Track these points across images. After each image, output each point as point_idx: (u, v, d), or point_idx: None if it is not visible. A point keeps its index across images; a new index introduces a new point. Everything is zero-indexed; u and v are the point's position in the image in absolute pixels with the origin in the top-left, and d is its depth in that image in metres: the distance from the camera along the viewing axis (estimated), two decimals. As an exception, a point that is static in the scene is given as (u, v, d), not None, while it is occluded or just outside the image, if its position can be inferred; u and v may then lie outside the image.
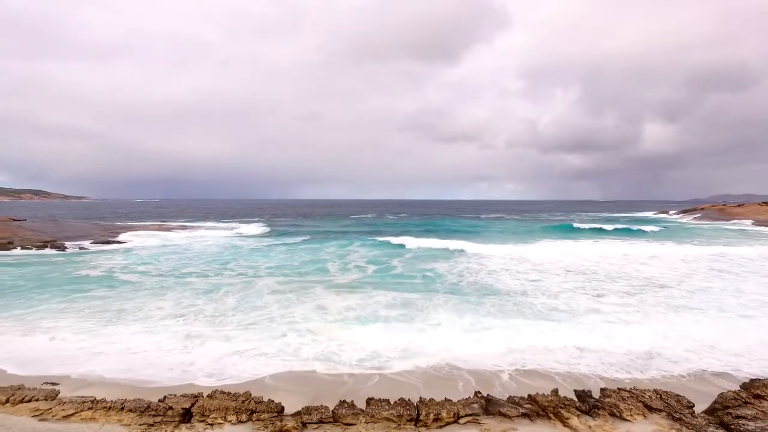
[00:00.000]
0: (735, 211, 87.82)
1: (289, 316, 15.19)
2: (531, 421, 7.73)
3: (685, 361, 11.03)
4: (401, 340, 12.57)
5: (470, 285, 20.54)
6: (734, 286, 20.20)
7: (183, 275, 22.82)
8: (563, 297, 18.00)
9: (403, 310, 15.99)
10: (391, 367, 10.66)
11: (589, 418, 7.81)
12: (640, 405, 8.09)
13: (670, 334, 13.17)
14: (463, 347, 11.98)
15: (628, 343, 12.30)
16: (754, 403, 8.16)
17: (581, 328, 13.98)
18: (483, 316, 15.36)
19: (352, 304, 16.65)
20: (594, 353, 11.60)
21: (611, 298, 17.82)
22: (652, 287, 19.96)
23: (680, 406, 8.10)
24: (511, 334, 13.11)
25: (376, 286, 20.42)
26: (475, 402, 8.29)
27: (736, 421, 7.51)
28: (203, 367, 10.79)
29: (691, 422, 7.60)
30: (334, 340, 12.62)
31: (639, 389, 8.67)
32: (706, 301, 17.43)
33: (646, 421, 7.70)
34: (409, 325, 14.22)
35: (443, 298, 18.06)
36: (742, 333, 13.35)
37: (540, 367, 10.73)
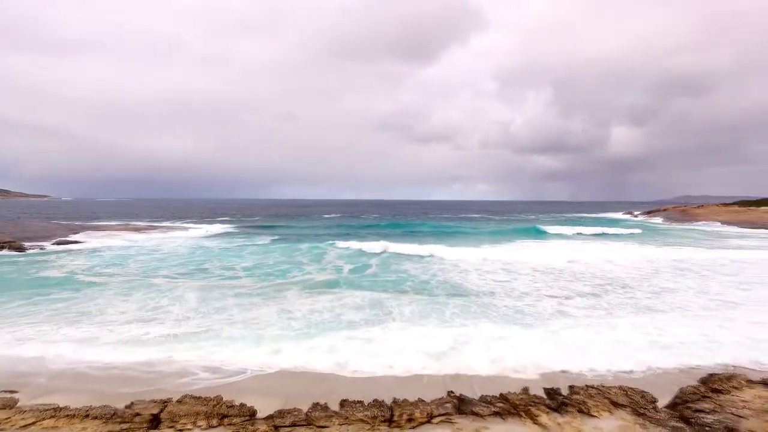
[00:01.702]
0: (695, 212, 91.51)
1: (260, 319, 15.01)
2: (503, 419, 7.87)
3: (647, 359, 11.41)
4: (371, 341, 12.58)
5: (441, 286, 20.69)
6: (698, 286, 21.03)
7: (149, 277, 22.23)
8: (530, 298, 18.32)
9: (372, 311, 15.98)
10: (363, 370, 10.65)
11: (558, 415, 8.01)
12: (606, 401, 8.35)
13: (634, 333, 13.62)
14: (433, 347, 12.08)
15: (593, 342, 12.65)
16: (711, 397, 8.55)
17: (548, 327, 14.29)
18: (452, 316, 15.50)
19: (320, 307, 16.51)
20: (562, 352, 11.88)
21: (577, 300, 18.21)
22: (617, 287, 20.57)
23: (644, 402, 8.41)
24: (481, 334, 13.29)
25: (347, 286, 20.37)
26: (448, 402, 8.39)
27: (695, 414, 7.85)
28: (172, 371, 10.55)
29: (654, 417, 7.90)
30: (307, 342, 12.53)
31: (605, 386, 8.95)
32: (669, 301, 18.07)
33: (612, 417, 7.96)
34: (377, 326, 14.18)
35: (412, 298, 18.16)
36: (703, 330, 13.91)
37: (510, 366, 10.91)
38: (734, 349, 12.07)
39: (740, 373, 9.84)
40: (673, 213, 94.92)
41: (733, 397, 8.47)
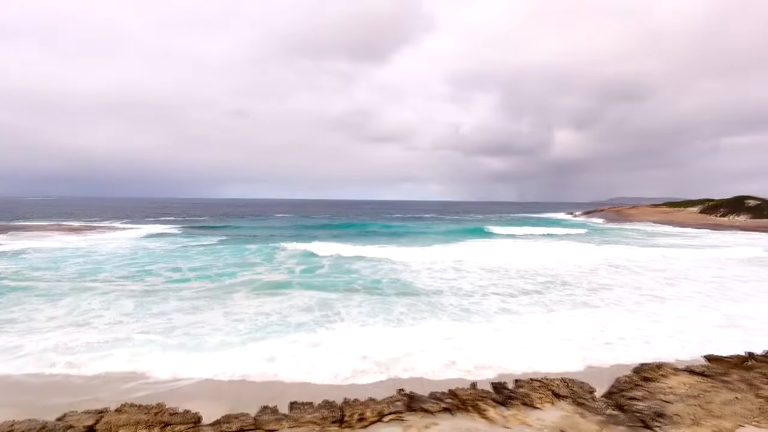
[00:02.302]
0: (629, 212, 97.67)
1: (205, 322, 14.51)
2: (452, 414, 8.03)
3: (586, 352, 12.04)
4: (319, 343, 12.46)
5: (392, 285, 20.84)
6: (632, 282, 22.41)
7: (84, 281, 20.91)
8: (476, 296, 18.81)
9: (321, 312, 15.84)
10: (311, 372, 10.52)
11: (505, 408, 8.27)
12: (549, 393, 8.72)
13: (574, 328, 14.32)
14: (383, 347, 12.15)
15: (536, 337, 13.20)
16: (643, 385, 9.13)
17: (493, 324, 14.73)
18: (401, 315, 15.64)
19: (267, 309, 16.15)
20: (507, 348, 12.29)
21: (521, 298, 18.84)
22: (559, 285, 21.52)
23: (583, 392, 8.85)
24: (430, 333, 13.51)
25: (297, 287, 20.06)
26: (398, 400, 8.46)
27: (629, 402, 8.35)
28: (108, 380, 9.98)
29: (593, 406, 8.33)
30: (253, 346, 12.23)
31: (549, 378, 9.35)
32: (606, 297, 19.12)
33: (555, 408, 8.32)
34: (325, 327, 14.06)
35: (363, 298, 18.20)
36: (636, 325, 14.85)
37: (458, 363, 11.15)
38: (664, 341, 12.98)
39: (668, 362, 10.56)
40: (610, 213, 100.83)
41: (661, 385, 9.09)
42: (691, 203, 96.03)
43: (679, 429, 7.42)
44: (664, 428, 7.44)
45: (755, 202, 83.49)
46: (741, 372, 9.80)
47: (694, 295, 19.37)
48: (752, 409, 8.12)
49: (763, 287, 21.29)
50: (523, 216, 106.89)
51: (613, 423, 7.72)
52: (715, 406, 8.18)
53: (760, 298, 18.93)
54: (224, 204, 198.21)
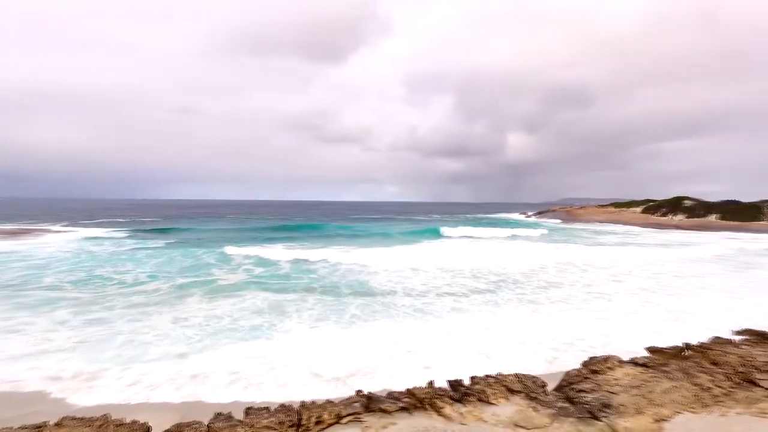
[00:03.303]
0: (578, 212, 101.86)
1: (152, 328, 13.94)
2: (409, 414, 8.08)
3: (538, 347, 12.45)
4: (272, 346, 12.25)
5: (348, 286, 20.81)
6: (581, 279, 23.36)
7: (16, 288, 19.60)
8: (431, 296, 19.06)
9: (275, 314, 15.62)
10: (264, 376, 10.32)
11: (461, 405, 8.41)
12: (503, 389, 8.94)
13: (524, 325, 14.78)
14: (338, 347, 12.10)
15: (488, 335, 13.52)
16: (591, 378, 9.52)
17: (445, 323, 14.96)
18: (354, 318, 15.60)
19: (219, 312, 15.74)
20: (460, 345, 12.53)
21: (473, 297, 19.20)
22: (510, 284, 22.14)
23: (535, 387, 9.13)
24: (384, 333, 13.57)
25: (252, 289, 19.67)
26: (356, 401, 8.43)
27: (578, 394, 8.69)
28: (47, 392, 9.40)
29: (544, 400, 8.61)
30: (203, 352, 11.86)
31: (503, 375, 9.57)
32: (555, 295, 19.84)
33: (509, 403, 8.54)
34: (278, 330, 13.84)
35: (318, 299, 18.10)
36: (584, 320, 15.50)
37: (414, 362, 11.26)
38: (611, 335, 13.63)
39: (614, 355, 11.07)
40: (561, 213, 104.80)
41: (608, 377, 9.52)
42: (634, 203, 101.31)
43: (624, 418, 7.79)
44: (610, 418, 7.79)
45: (691, 203, 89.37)
46: (679, 362, 10.41)
47: (639, 291, 20.44)
48: (688, 396, 8.64)
49: (698, 283, 22.77)
50: (478, 216, 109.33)
51: (564, 415, 8.01)
52: (655, 395, 8.64)
53: (696, 293, 20.24)
54: (174, 205, 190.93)
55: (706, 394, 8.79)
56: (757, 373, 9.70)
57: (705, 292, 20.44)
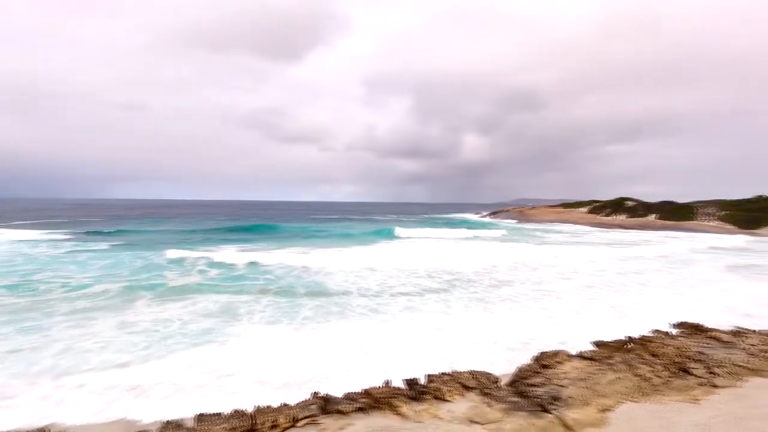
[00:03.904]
0: (530, 212, 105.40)
1: (94, 335, 13.23)
2: (366, 414, 8.08)
3: (490, 344, 12.78)
4: (223, 350, 11.93)
5: (303, 287, 20.54)
6: (531, 278, 24.15)
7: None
8: (385, 296, 19.12)
9: (227, 317, 15.20)
10: (213, 381, 10.01)
11: (417, 403, 8.50)
12: (458, 386, 9.11)
13: (476, 323, 15.12)
14: (293, 349, 11.95)
15: (441, 335, 13.69)
16: (542, 372, 9.87)
17: (399, 323, 15.04)
18: (306, 320, 15.38)
19: (168, 316, 15.13)
20: (415, 345, 12.67)
21: (427, 296, 19.32)
22: (464, 282, 22.54)
23: (489, 382, 9.36)
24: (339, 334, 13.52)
25: (204, 291, 19.05)
26: (313, 403, 8.34)
27: (529, 389, 8.98)
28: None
29: (497, 395, 8.84)
30: (147, 361, 11.38)
31: (458, 372, 9.76)
32: (506, 293, 20.36)
33: (464, 399, 8.71)
34: (230, 334, 13.43)
35: (272, 300, 17.79)
36: (536, 316, 16.05)
37: (369, 362, 11.26)
38: (560, 332, 14.18)
39: (563, 350, 11.51)
40: (513, 213, 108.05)
41: (557, 371, 9.90)
42: (581, 204, 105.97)
43: (572, 410, 8.12)
44: (560, 410, 8.10)
45: (632, 203, 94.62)
46: (622, 354, 10.97)
47: (585, 288, 21.37)
48: (630, 387, 9.13)
49: (640, 279, 24.11)
50: (433, 217, 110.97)
51: (516, 409, 8.25)
52: (601, 387, 9.07)
53: (638, 289, 21.41)
54: (121, 205, 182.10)
55: (646, 384, 9.32)
56: (690, 362, 10.37)
57: (646, 288, 21.65)
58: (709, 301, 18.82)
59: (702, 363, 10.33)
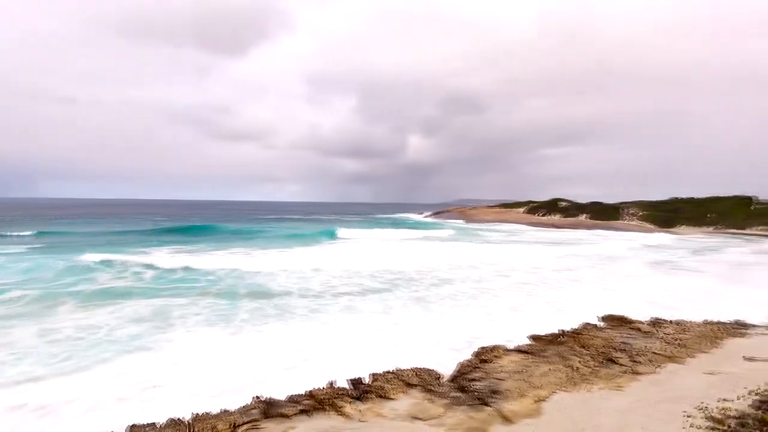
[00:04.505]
0: (471, 212, 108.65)
1: (13, 345, 12.17)
2: (309, 416, 8.00)
3: (432, 342, 13.03)
4: (152, 357, 11.31)
5: (243, 288, 19.94)
6: (470, 276, 24.86)
7: None
8: (327, 296, 18.92)
9: (157, 322, 14.45)
10: (143, 393, 9.43)
11: (361, 403, 8.53)
12: (401, 383, 9.24)
13: (418, 321, 15.35)
14: (235, 352, 11.61)
15: (381, 334, 13.74)
16: (481, 367, 10.22)
17: (339, 323, 14.94)
18: (243, 322, 14.94)
19: (96, 322, 14.18)
20: (357, 344, 12.70)
21: (369, 296, 19.25)
22: (405, 281, 22.73)
23: (431, 379, 9.57)
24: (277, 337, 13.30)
25: (136, 296, 17.99)
26: (254, 408, 8.15)
27: (470, 383, 9.27)
28: None
29: (439, 391, 9.06)
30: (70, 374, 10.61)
31: (401, 370, 9.89)
32: (445, 291, 20.71)
33: (407, 396, 8.84)
34: (160, 340, 12.73)
35: (209, 302, 17.22)
36: (476, 313, 16.54)
37: (309, 363, 11.11)
38: (498, 329, 14.69)
39: (501, 344, 11.98)
40: (455, 213, 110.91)
41: (495, 365, 10.29)
42: (519, 204, 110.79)
43: (509, 402, 8.48)
44: (498, 403, 8.42)
45: (565, 204, 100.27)
46: (555, 347, 11.59)
47: (523, 285, 22.29)
48: (562, 377, 9.66)
49: (572, 276, 25.52)
50: (378, 217, 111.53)
51: (457, 404, 8.50)
52: (535, 378, 9.53)
53: (570, 285, 22.66)
54: (51, 205, 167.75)
55: (576, 374, 9.90)
56: (615, 352, 11.14)
57: (577, 284, 22.96)
58: (633, 294, 20.25)
59: (625, 352, 11.12)
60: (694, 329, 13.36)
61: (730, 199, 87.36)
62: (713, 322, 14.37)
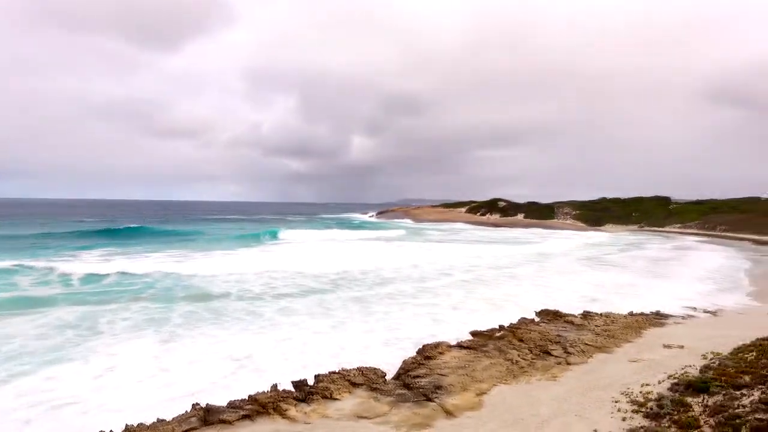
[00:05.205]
0: (414, 212, 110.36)
1: None
2: (252, 421, 7.79)
3: (376, 343, 13.12)
4: (79, 374, 10.40)
5: (179, 292, 19.12)
6: (411, 275, 25.22)
7: None
8: (267, 298, 18.56)
9: (82, 331, 13.49)
10: (70, 406, 8.76)
11: (306, 404, 8.41)
12: (346, 383, 9.20)
13: (360, 322, 15.29)
14: (169, 359, 11.11)
15: (322, 336, 13.62)
16: (425, 364, 10.39)
17: (285, 327, 14.59)
18: (176, 327, 14.31)
19: (13, 332, 13.01)
20: (298, 347, 12.54)
21: (310, 297, 18.97)
22: (348, 281, 22.59)
23: (377, 377, 9.61)
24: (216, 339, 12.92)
25: (63, 302, 16.75)
26: (193, 416, 7.81)
27: (414, 380, 9.39)
28: None
29: (384, 389, 9.12)
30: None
31: (346, 370, 9.85)
32: (387, 291, 20.71)
33: (352, 396, 8.82)
34: (85, 351, 11.79)
35: (141, 307, 16.48)
36: (418, 311, 16.81)
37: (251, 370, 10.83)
38: (442, 323, 15.04)
39: (444, 341, 12.24)
40: (399, 213, 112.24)
41: (439, 361, 10.51)
42: (460, 204, 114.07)
43: (452, 396, 8.68)
44: (441, 398, 8.60)
45: (504, 204, 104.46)
46: (495, 341, 12.01)
47: (463, 283, 22.90)
48: (502, 371, 10.04)
49: (509, 273, 26.61)
50: (321, 217, 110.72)
51: (402, 401, 8.59)
52: (477, 373, 9.83)
53: (508, 282, 23.61)
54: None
55: (515, 367, 10.32)
56: (551, 345, 11.72)
57: (515, 281, 23.96)
58: (566, 290, 21.43)
59: (560, 345, 11.73)
60: (620, 321, 14.32)
61: (652, 200, 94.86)
62: (637, 314, 15.49)
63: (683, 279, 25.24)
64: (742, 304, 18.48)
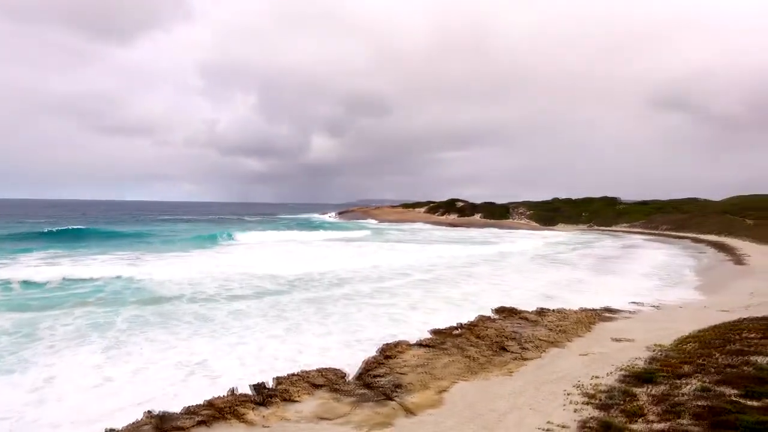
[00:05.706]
0: (374, 212, 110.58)
1: None
2: (208, 427, 7.57)
3: (340, 341, 13.06)
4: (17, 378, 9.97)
5: (129, 295, 18.30)
6: (368, 276, 25.26)
7: None
8: (221, 300, 18.17)
9: (16, 338, 12.71)
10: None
11: (264, 408, 8.26)
12: (306, 385, 9.11)
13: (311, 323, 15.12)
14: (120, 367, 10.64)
15: (278, 339, 13.39)
16: (385, 363, 10.43)
17: (235, 331, 14.15)
18: (120, 332, 13.72)
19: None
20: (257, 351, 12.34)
21: (265, 299, 18.65)
22: (304, 282, 22.33)
23: (337, 378, 9.57)
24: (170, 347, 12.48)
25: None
26: (146, 423, 7.51)
27: (374, 380, 9.41)
28: None
29: (345, 389, 9.08)
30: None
31: (306, 371, 9.75)
32: (344, 291, 20.60)
33: (313, 398, 8.74)
34: (20, 363, 11.01)
35: (85, 311, 15.74)
36: (377, 311, 16.85)
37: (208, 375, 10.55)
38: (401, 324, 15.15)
39: (404, 340, 12.33)
40: (359, 213, 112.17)
41: (399, 360, 10.58)
42: (420, 204, 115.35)
43: (412, 395, 8.77)
44: (402, 396, 8.67)
45: (462, 204, 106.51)
46: (453, 339, 12.21)
47: (421, 283, 23.11)
48: (462, 368, 10.22)
49: (466, 272, 27.15)
50: (280, 217, 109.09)
51: (363, 401, 8.59)
52: (437, 371, 9.97)
53: (466, 281, 24.07)
54: None
55: (474, 363, 10.53)
56: (507, 341, 12.04)
57: (472, 279, 24.46)
58: (521, 287, 22.10)
59: (515, 340, 12.08)
60: (572, 316, 14.90)
61: (601, 200, 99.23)
62: (587, 309, 16.15)
63: (631, 275, 26.59)
64: (684, 298, 19.65)
